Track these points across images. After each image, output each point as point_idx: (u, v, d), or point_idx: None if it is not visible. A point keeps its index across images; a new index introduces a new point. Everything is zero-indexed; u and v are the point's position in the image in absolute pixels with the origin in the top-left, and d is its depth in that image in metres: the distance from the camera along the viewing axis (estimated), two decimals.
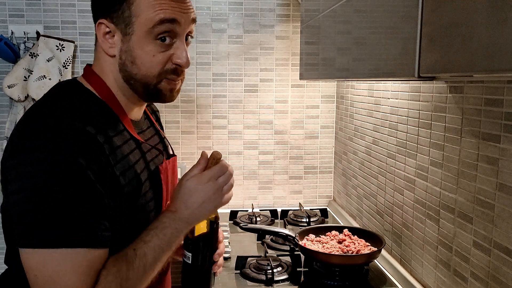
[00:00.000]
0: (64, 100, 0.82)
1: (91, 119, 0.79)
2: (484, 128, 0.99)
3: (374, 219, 1.66)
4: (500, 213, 0.94)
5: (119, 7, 0.83)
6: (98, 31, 0.86)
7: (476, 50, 0.53)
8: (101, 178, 0.76)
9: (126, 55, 0.85)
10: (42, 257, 0.72)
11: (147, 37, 0.83)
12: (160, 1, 0.82)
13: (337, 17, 1.12)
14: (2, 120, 1.98)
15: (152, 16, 0.81)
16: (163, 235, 0.83)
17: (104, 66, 0.88)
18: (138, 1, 0.82)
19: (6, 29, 1.92)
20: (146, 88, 0.87)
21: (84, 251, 0.73)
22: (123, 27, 0.83)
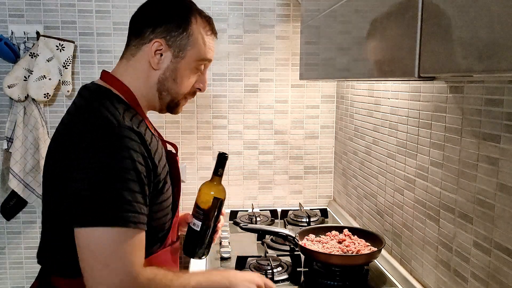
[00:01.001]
0: (108, 105, 0.94)
1: (133, 121, 0.94)
2: (484, 128, 0.99)
3: (374, 219, 1.66)
4: (500, 213, 0.94)
5: (179, 35, 1.01)
6: (151, 47, 1.00)
7: (476, 50, 0.53)
8: (146, 169, 0.90)
9: (171, 72, 1.02)
10: (97, 235, 0.83)
11: (191, 64, 1.04)
12: (208, 43, 1.06)
13: (337, 17, 1.12)
14: (2, 120, 1.98)
15: (203, 52, 1.04)
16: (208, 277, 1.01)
17: (138, 74, 1.02)
18: (196, 37, 1.02)
19: (6, 29, 1.92)
20: (172, 101, 1.06)
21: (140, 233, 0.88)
22: (177, 50, 1.01)
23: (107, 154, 0.86)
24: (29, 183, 1.94)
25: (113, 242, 0.84)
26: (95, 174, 0.85)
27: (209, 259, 1.53)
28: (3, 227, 2.05)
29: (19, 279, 2.08)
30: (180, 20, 1.01)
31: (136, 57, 1.03)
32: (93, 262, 0.84)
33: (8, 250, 2.06)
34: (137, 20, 1.04)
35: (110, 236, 0.84)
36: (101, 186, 0.84)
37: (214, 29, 1.10)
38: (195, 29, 1.03)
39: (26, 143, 1.92)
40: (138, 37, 1.02)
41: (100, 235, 0.84)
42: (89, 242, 0.84)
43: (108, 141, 0.86)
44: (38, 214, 2.05)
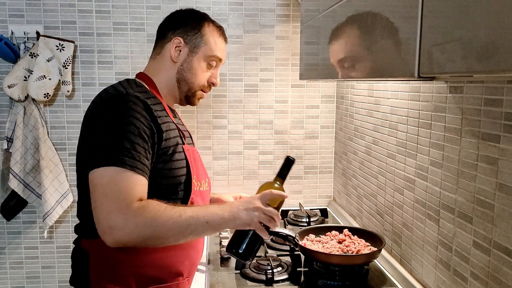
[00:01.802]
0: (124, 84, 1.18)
1: (144, 95, 1.14)
2: (484, 128, 0.99)
3: (374, 219, 1.66)
4: (500, 213, 0.94)
5: (194, 34, 1.26)
6: (172, 43, 1.25)
7: (475, 50, 0.53)
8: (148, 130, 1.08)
9: (187, 64, 1.26)
10: (100, 173, 1.01)
11: (204, 59, 1.28)
12: (219, 45, 1.30)
13: (337, 17, 1.12)
14: (2, 120, 1.98)
15: (213, 50, 1.28)
16: (205, 209, 1.08)
17: (161, 67, 1.27)
18: (207, 37, 1.27)
19: (6, 29, 1.92)
20: (189, 90, 1.29)
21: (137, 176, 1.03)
22: (192, 47, 1.26)
23: (114, 114, 1.06)
24: (29, 183, 1.95)
25: (111, 178, 1.01)
26: (102, 130, 1.05)
27: (210, 258, 1.54)
28: (3, 227, 2.05)
29: (19, 279, 2.08)
30: (195, 23, 1.27)
31: (160, 55, 1.28)
32: (96, 195, 1.01)
33: (8, 250, 2.06)
34: (162, 27, 1.30)
35: (109, 173, 1.01)
36: (106, 138, 1.04)
37: (224, 35, 1.34)
38: (207, 31, 1.28)
39: (26, 143, 1.92)
40: (162, 38, 1.28)
41: (102, 173, 1.01)
42: (94, 180, 1.02)
43: (116, 104, 1.08)
44: (38, 214, 2.05)
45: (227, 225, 1.10)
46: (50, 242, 2.08)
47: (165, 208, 1.03)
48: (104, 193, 1.00)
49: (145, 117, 1.08)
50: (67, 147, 2.03)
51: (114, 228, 0.98)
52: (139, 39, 2.01)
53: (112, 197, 0.99)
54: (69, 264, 1.21)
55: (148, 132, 1.08)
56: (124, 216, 0.98)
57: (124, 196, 1.00)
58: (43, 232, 1.98)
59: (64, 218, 2.06)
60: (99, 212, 1.00)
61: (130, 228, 0.98)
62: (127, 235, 0.99)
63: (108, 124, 1.06)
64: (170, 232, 1.03)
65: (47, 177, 1.92)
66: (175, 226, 1.02)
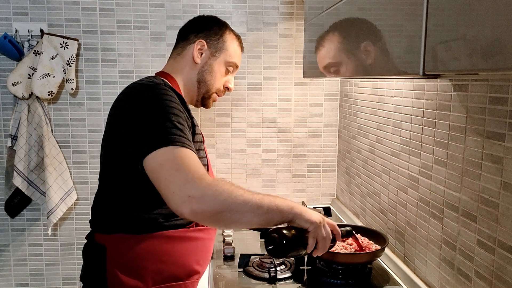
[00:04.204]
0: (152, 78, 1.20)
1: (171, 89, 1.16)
2: (488, 127, 0.99)
3: (377, 218, 1.66)
4: (505, 212, 0.94)
5: (217, 39, 1.33)
6: (195, 45, 1.31)
7: (481, 48, 0.53)
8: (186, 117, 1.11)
9: (208, 67, 1.32)
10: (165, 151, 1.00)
11: (223, 63, 1.35)
12: (237, 52, 1.39)
13: (340, 15, 1.12)
14: (6, 118, 1.99)
15: (232, 57, 1.36)
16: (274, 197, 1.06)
17: (182, 67, 1.32)
18: (229, 42, 1.35)
19: (10, 27, 1.93)
20: (206, 92, 1.34)
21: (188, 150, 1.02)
22: (214, 51, 1.33)
23: (154, 101, 1.07)
24: (33, 181, 1.95)
25: (177, 154, 0.99)
26: (149, 117, 1.04)
27: (213, 256, 1.54)
28: (7, 225, 2.06)
29: (23, 276, 2.09)
30: (218, 29, 1.34)
31: (181, 55, 1.33)
32: (166, 172, 0.98)
33: (12, 247, 2.07)
34: (184, 29, 1.36)
35: (172, 151, 0.99)
36: (155, 123, 1.03)
37: (242, 44, 1.42)
38: (228, 38, 1.35)
39: (30, 141, 1.93)
40: (184, 40, 1.34)
41: (164, 152, 0.99)
42: (156, 161, 0.99)
43: (153, 93, 1.08)
44: (42, 212, 2.06)
45: (295, 217, 1.08)
46: (54, 239, 2.08)
47: (237, 186, 1.01)
48: (175, 167, 0.97)
49: (180, 105, 1.11)
50: (71, 145, 2.04)
51: (193, 196, 0.95)
52: (143, 37, 2.01)
53: (184, 169, 0.97)
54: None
55: (186, 117, 1.11)
56: (201, 185, 0.96)
57: (196, 168, 0.98)
58: (47, 230, 1.99)
59: (68, 216, 2.07)
60: (174, 185, 0.96)
61: (209, 197, 0.95)
62: (206, 204, 0.95)
63: (152, 108, 1.05)
64: (245, 207, 0.99)
65: (51, 175, 1.93)
66: (249, 203, 0.99)
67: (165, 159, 0.99)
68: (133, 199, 1.11)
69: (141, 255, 1.12)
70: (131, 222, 1.13)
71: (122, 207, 1.13)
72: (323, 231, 1.10)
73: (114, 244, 1.13)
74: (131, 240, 1.11)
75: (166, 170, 0.98)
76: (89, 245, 1.19)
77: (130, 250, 1.11)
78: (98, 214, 1.19)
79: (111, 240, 1.13)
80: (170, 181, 0.97)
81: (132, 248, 1.11)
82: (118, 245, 1.12)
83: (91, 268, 1.17)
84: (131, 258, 1.12)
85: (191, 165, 0.99)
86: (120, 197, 1.14)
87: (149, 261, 1.12)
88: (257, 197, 1.01)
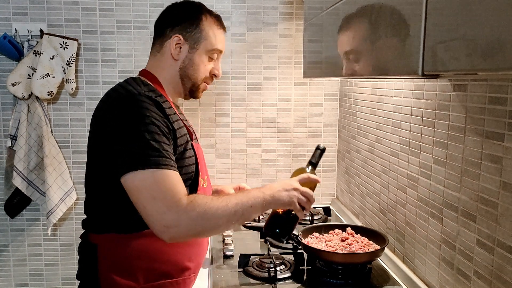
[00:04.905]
0: (131, 83, 1.18)
1: (154, 94, 1.15)
2: (488, 127, 0.99)
3: (377, 218, 1.66)
4: (504, 211, 0.94)
5: (192, 30, 1.25)
6: (172, 41, 1.24)
7: (480, 48, 0.53)
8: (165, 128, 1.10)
9: (189, 61, 1.26)
10: (141, 176, 1.03)
11: (205, 54, 1.27)
12: (218, 36, 1.29)
13: (340, 15, 1.12)
14: (6, 118, 1.99)
15: (213, 43, 1.27)
16: (247, 194, 1.14)
17: (163, 65, 1.27)
18: (206, 31, 1.26)
19: (10, 27, 1.93)
20: (193, 85, 1.29)
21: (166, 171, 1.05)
22: (192, 43, 1.25)
23: (132, 115, 1.07)
24: (33, 181, 1.95)
25: (152, 180, 1.03)
26: (125, 133, 1.06)
27: (213, 256, 1.54)
28: (7, 225, 2.06)
29: (23, 277, 2.09)
30: (193, 18, 1.25)
31: (161, 52, 1.27)
32: (142, 198, 1.03)
33: (12, 247, 2.07)
34: (159, 23, 1.28)
35: (149, 176, 1.03)
36: (131, 140, 1.05)
37: (223, 25, 1.32)
38: (205, 25, 1.26)
39: (30, 141, 1.93)
40: (161, 35, 1.26)
41: (140, 176, 1.03)
42: (133, 185, 1.04)
43: (131, 106, 1.08)
44: (42, 212, 2.06)
45: (269, 206, 1.17)
46: (54, 239, 2.08)
47: (211, 200, 1.08)
48: (151, 196, 1.03)
49: (160, 115, 1.10)
50: (70, 145, 2.04)
51: (169, 226, 1.02)
52: (143, 37, 2.01)
53: (160, 198, 1.02)
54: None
55: (167, 130, 1.11)
56: (177, 214, 1.02)
57: (171, 194, 1.03)
58: (46, 230, 1.99)
59: (67, 216, 2.07)
60: (151, 215, 1.03)
61: (185, 224, 1.03)
62: (183, 231, 1.04)
63: (129, 126, 1.06)
64: (220, 220, 1.07)
65: (50, 175, 1.93)
66: (224, 214, 1.07)
67: (141, 184, 1.03)
68: (120, 201, 1.11)
69: (132, 254, 1.12)
70: (121, 222, 1.13)
71: (111, 208, 1.14)
72: (302, 198, 1.19)
73: (106, 244, 1.14)
74: (122, 239, 1.12)
75: (143, 197, 1.03)
76: (83, 244, 1.21)
77: (121, 249, 1.13)
78: (89, 214, 1.20)
79: (103, 240, 1.15)
80: (147, 212, 1.04)
81: (123, 247, 1.12)
82: (109, 245, 1.14)
83: (85, 266, 1.19)
84: (122, 257, 1.13)
85: (167, 190, 1.03)
86: (108, 199, 1.14)
87: (140, 259, 1.13)
88: (231, 205, 1.08)
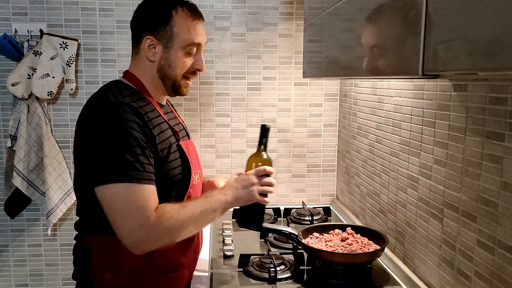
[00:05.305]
0: (112, 89, 1.15)
1: (133, 100, 1.14)
2: (488, 127, 0.99)
3: (377, 218, 1.66)
4: (504, 211, 0.93)
5: (163, 29, 1.19)
6: (144, 44, 1.20)
7: (480, 48, 0.53)
8: (144, 136, 1.10)
9: (165, 61, 1.21)
10: (112, 190, 1.05)
11: (181, 50, 1.21)
12: (194, 29, 1.22)
13: (340, 15, 1.12)
14: (6, 118, 1.98)
15: (187, 40, 1.21)
16: (210, 199, 1.18)
17: (142, 69, 1.24)
18: (178, 26, 1.19)
19: (9, 27, 1.92)
20: (174, 84, 1.25)
21: (139, 186, 1.06)
22: (165, 42, 1.20)
23: (109, 126, 1.07)
24: (33, 181, 1.95)
25: (123, 195, 1.05)
26: (101, 144, 1.07)
27: (212, 256, 1.54)
28: (7, 225, 2.05)
29: (23, 277, 2.09)
30: (163, 16, 1.19)
31: (138, 55, 1.24)
32: (114, 213, 1.06)
33: (12, 247, 2.07)
34: (132, 25, 1.25)
35: (121, 190, 1.05)
36: (107, 153, 1.06)
37: (198, 15, 1.24)
38: (177, 21, 1.20)
39: (30, 141, 1.93)
40: (136, 39, 1.24)
41: (111, 190, 1.05)
42: (107, 197, 1.06)
43: (108, 118, 1.08)
44: (42, 212, 2.06)
45: (232, 205, 1.22)
46: (54, 239, 2.08)
47: (178, 211, 1.11)
48: (121, 211, 1.05)
49: (139, 123, 1.10)
50: (70, 145, 2.04)
51: (139, 242, 1.07)
52: None
53: (129, 215, 1.05)
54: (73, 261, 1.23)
55: (145, 139, 1.10)
56: (146, 231, 1.06)
57: (141, 211, 1.05)
58: (46, 230, 1.99)
59: (67, 216, 2.07)
60: (121, 230, 1.06)
61: (154, 239, 1.08)
62: (153, 245, 1.09)
63: (106, 138, 1.07)
64: (187, 229, 1.13)
65: (50, 175, 1.93)
66: (191, 223, 1.13)
67: (112, 198, 1.06)
68: None
69: (123, 252, 1.12)
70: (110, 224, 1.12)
71: (100, 210, 1.11)
72: (262, 188, 1.25)
73: (98, 244, 1.15)
74: (113, 240, 1.11)
75: (114, 211, 1.06)
76: (77, 245, 1.22)
77: (113, 249, 1.13)
78: (81, 216, 1.21)
79: (95, 240, 1.16)
80: (117, 226, 1.06)
81: (115, 247, 1.11)
82: (101, 245, 1.15)
83: (80, 267, 1.20)
84: (114, 257, 1.14)
85: (137, 206, 1.05)
86: (96, 202, 1.12)
87: (132, 257, 1.13)
88: (196, 214, 1.13)
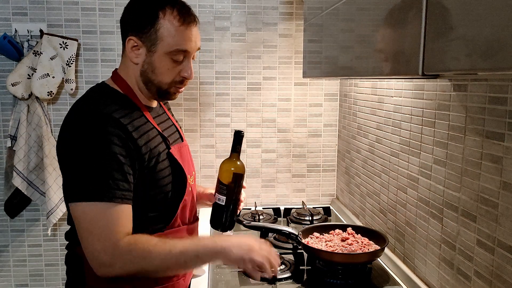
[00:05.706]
0: (95, 97, 1.10)
1: (116, 108, 1.06)
2: (488, 127, 0.99)
3: (377, 218, 1.66)
4: (504, 211, 0.94)
5: (148, 30, 1.08)
6: (128, 44, 1.11)
7: (480, 48, 0.53)
8: (124, 150, 1.02)
9: (148, 66, 1.11)
10: (81, 208, 0.99)
11: (165, 56, 1.10)
12: (182, 34, 1.09)
13: (340, 15, 1.12)
14: (6, 118, 1.98)
15: (171, 45, 1.09)
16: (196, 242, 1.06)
17: (128, 70, 1.15)
18: (163, 30, 1.08)
19: (9, 27, 1.92)
20: (159, 90, 1.15)
21: (117, 207, 1.00)
22: (149, 45, 1.09)
23: (86, 141, 1.01)
24: (33, 181, 1.95)
25: (93, 215, 0.99)
26: (77, 159, 1.01)
27: None
28: (7, 225, 2.05)
29: (22, 277, 2.09)
30: (149, 16, 1.08)
31: (124, 55, 1.16)
32: (81, 231, 1.01)
33: (12, 248, 2.07)
34: (121, 23, 1.15)
35: (91, 208, 0.99)
36: (82, 168, 1.00)
37: (189, 19, 1.11)
38: (162, 24, 1.08)
39: (30, 141, 1.93)
40: (123, 37, 1.14)
41: (83, 208, 0.99)
42: (76, 214, 1.01)
43: (87, 129, 1.02)
44: (42, 212, 2.06)
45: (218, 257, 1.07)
46: (54, 240, 2.08)
47: (154, 245, 1.01)
48: (89, 231, 0.99)
49: (120, 136, 1.02)
50: None
51: (102, 265, 0.99)
52: None
53: (96, 236, 0.98)
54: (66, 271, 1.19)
55: (124, 152, 1.02)
56: (111, 256, 0.98)
57: (109, 234, 0.98)
58: (46, 230, 1.99)
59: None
60: (87, 248, 1.00)
61: (119, 266, 0.99)
62: (116, 272, 1.00)
63: (81, 152, 1.00)
64: (159, 267, 1.02)
65: (50, 175, 1.93)
66: (164, 262, 1.01)
67: (82, 216, 1.00)
68: None
69: None
70: None
71: None
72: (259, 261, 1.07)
73: None
74: None
75: (82, 229, 1.00)
76: (69, 255, 1.18)
77: None
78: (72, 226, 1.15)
79: None
80: (84, 245, 1.01)
81: None
82: None
83: (73, 279, 1.16)
84: None
85: (105, 227, 0.98)
86: None
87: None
88: (174, 253, 1.01)
